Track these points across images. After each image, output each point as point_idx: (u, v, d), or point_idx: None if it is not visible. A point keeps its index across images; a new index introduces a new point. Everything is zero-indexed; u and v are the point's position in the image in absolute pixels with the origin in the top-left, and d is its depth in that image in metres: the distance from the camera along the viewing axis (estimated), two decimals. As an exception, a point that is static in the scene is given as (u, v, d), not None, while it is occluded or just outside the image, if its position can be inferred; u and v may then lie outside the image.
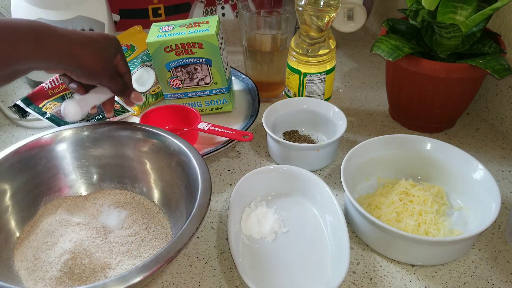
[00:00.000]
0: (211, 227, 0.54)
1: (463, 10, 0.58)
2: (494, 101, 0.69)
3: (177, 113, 0.67)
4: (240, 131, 0.61)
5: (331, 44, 0.65)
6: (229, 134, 0.60)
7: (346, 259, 0.44)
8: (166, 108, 0.67)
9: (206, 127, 0.61)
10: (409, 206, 0.51)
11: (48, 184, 0.53)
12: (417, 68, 0.61)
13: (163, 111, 0.66)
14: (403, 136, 0.57)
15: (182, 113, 0.66)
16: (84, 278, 0.44)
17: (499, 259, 0.50)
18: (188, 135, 0.62)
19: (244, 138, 0.60)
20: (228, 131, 0.60)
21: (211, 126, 0.62)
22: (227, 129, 0.61)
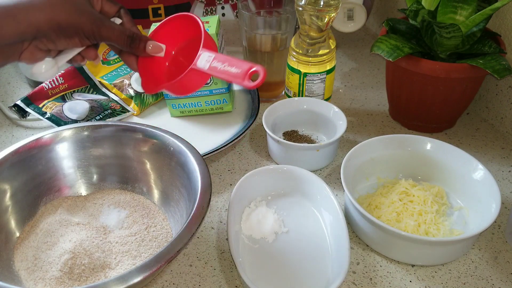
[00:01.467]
0: (211, 227, 0.54)
1: (463, 10, 0.58)
2: (494, 101, 0.69)
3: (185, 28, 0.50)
4: (248, 67, 0.44)
5: (331, 44, 0.65)
6: (232, 74, 0.44)
7: (346, 259, 0.44)
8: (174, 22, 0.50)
9: (207, 64, 0.46)
10: (409, 206, 0.51)
11: (48, 184, 0.53)
12: (417, 68, 0.61)
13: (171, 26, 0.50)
14: (403, 136, 0.57)
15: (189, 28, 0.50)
16: (84, 278, 0.44)
17: (499, 259, 0.50)
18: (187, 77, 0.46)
19: (249, 84, 0.43)
20: (232, 68, 0.45)
21: (214, 60, 0.45)
22: (232, 64, 0.45)
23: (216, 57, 0.45)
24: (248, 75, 0.44)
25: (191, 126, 0.68)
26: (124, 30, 0.45)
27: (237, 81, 0.44)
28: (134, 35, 0.45)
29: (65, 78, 0.69)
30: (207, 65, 0.45)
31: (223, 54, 0.46)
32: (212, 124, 0.68)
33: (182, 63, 0.50)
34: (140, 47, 0.46)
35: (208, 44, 0.47)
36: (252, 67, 0.43)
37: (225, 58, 0.45)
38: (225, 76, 0.45)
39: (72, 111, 0.65)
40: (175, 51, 0.51)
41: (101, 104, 0.68)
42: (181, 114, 0.70)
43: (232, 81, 0.45)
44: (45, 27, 0.41)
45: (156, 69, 0.50)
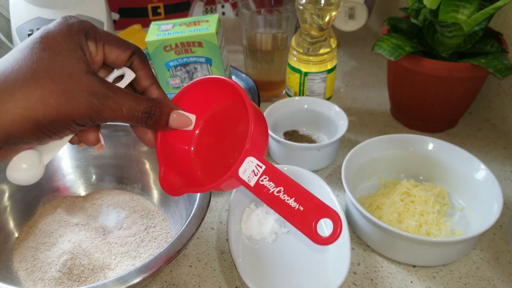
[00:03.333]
0: (211, 228, 0.53)
1: (465, 9, 0.58)
2: (496, 100, 0.68)
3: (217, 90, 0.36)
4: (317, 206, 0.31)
5: (332, 43, 0.65)
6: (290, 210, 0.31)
7: (347, 259, 0.44)
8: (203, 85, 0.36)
9: (254, 178, 0.31)
10: (410, 206, 0.51)
11: (46, 184, 0.52)
12: (418, 67, 0.60)
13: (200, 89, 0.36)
14: (405, 136, 0.57)
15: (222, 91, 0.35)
16: (83, 279, 0.44)
17: (501, 260, 0.49)
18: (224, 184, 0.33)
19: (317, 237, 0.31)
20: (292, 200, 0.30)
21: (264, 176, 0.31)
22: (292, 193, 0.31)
23: (268, 170, 0.31)
24: (315, 219, 0.30)
25: (191, 125, 0.68)
26: (136, 106, 0.31)
27: (297, 225, 0.30)
28: (152, 108, 0.32)
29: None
30: (254, 180, 0.31)
31: (277, 169, 0.31)
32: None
33: (216, 134, 0.36)
34: (161, 122, 0.33)
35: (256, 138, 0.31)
36: (323, 210, 0.30)
37: (281, 178, 0.31)
38: (278, 209, 0.30)
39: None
40: (205, 119, 0.36)
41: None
42: (181, 114, 0.70)
43: (291, 222, 0.30)
44: (18, 132, 0.29)
45: (181, 147, 0.36)
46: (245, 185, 0.31)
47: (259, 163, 0.31)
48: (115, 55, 0.33)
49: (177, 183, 0.35)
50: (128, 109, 0.31)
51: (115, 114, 0.31)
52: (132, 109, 0.31)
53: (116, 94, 0.31)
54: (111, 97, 0.30)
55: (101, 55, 0.33)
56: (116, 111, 0.31)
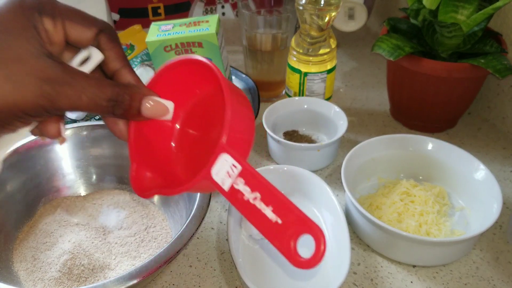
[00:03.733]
0: (211, 228, 0.53)
1: (464, 9, 0.58)
2: (495, 100, 0.68)
3: (197, 75, 0.31)
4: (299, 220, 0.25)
5: (332, 44, 0.65)
6: (267, 223, 0.26)
7: (347, 259, 0.44)
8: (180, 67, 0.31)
9: (228, 180, 0.27)
10: (410, 206, 0.51)
11: (47, 184, 0.52)
12: (418, 68, 0.60)
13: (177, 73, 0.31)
14: (404, 136, 0.57)
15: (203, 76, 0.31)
16: (83, 279, 0.44)
17: (501, 260, 0.49)
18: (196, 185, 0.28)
19: (298, 259, 0.25)
20: (268, 210, 0.26)
21: (239, 178, 0.27)
22: (270, 202, 0.26)
23: (245, 171, 0.26)
24: (294, 239, 0.24)
25: (191, 126, 0.68)
26: (99, 93, 0.27)
27: (273, 240, 0.25)
28: (120, 95, 0.27)
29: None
30: (227, 183, 0.26)
31: (254, 172, 0.26)
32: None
33: (200, 126, 0.32)
34: (132, 111, 0.29)
35: (234, 126, 0.26)
36: (305, 225, 0.24)
37: (259, 182, 0.26)
38: (253, 219, 0.26)
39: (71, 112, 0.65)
40: (187, 109, 0.32)
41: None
42: (181, 114, 0.70)
43: (264, 235, 0.25)
44: None
45: (159, 141, 0.32)
46: (219, 189, 0.27)
47: (234, 162, 0.26)
48: (78, 33, 0.28)
49: (151, 183, 0.31)
50: (89, 97, 0.26)
51: (73, 102, 0.26)
52: (95, 97, 0.27)
53: (74, 79, 0.26)
54: (68, 82, 0.26)
55: (61, 33, 0.28)
56: (74, 99, 0.26)
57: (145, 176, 0.31)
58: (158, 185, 0.31)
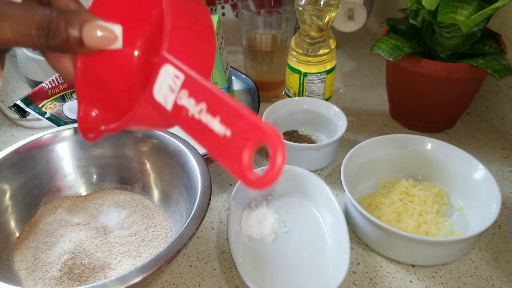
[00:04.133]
0: (211, 227, 0.54)
1: (463, 10, 0.58)
2: (494, 101, 0.68)
3: None
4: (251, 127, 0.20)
5: (331, 44, 0.65)
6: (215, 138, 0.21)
7: (346, 259, 0.44)
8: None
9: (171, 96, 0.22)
10: (409, 206, 0.51)
11: (47, 184, 0.52)
12: (417, 68, 0.60)
13: None
14: (404, 136, 0.57)
15: None
16: (84, 278, 0.44)
17: (500, 259, 0.49)
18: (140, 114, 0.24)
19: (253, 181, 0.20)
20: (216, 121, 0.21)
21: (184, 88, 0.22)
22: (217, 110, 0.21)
23: (188, 80, 0.22)
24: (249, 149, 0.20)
25: (191, 126, 0.68)
26: (27, 20, 0.23)
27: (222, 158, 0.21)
28: (53, 21, 0.23)
29: (64, 78, 0.68)
30: (171, 98, 0.22)
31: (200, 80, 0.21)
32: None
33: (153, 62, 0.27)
34: (71, 40, 0.23)
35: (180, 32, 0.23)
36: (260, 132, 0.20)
37: (205, 90, 0.21)
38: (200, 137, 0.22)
39: (72, 111, 0.65)
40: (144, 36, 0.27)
41: (101, 104, 0.68)
42: (181, 114, 0.70)
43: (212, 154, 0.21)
44: None
45: (112, 74, 0.27)
46: (163, 112, 0.22)
47: (176, 72, 0.21)
48: None
49: (100, 121, 0.27)
50: (14, 27, 0.22)
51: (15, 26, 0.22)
52: (21, 26, 0.22)
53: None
54: None
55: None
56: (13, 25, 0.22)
57: (92, 115, 0.27)
58: (108, 122, 0.26)
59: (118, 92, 0.27)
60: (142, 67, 0.27)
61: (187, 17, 0.23)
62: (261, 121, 0.20)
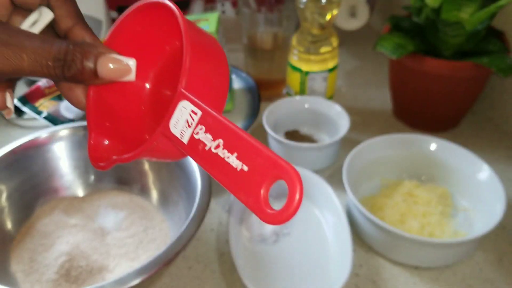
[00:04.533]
0: (211, 229, 0.53)
1: (467, 8, 0.57)
2: (499, 100, 0.68)
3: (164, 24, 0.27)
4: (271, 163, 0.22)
5: (333, 42, 0.64)
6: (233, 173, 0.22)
7: (348, 261, 0.44)
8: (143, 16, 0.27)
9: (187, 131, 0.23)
10: (413, 207, 0.50)
11: (44, 184, 0.52)
12: (421, 66, 0.60)
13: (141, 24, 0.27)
14: (407, 136, 0.57)
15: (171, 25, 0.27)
16: (81, 281, 0.44)
17: (504, 261, 0.49)
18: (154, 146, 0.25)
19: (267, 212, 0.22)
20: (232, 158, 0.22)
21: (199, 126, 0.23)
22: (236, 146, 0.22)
23: (205, 116, 0.22)
24: (267, 184, 0.21)
25: (191, 125, 0.68)
26: (43, 51, 0.24)
27: (238, 193, 0.22)
28: (69, 53, 0.24)
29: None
30: (187, 133, 0.23)
31: (217, 116, 0.22)
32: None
33: (173, 88, 0.27)
34: (86, 72, 0.25)
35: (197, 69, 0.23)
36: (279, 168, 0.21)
37: (222, 127, 0.22)
38: (216, 171, 0.22)
39: (69, 111, 0.65)
40: (156, 70, 0.28)
41: (99, 103, 0.67)
42: (180, 113, 0.69)
43: (229, 189, 0.22)
44: None
45: (124, 106, 0.28)
46: (178, 144, 0.23)
47: (193, 108, 0.22)
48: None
49: (110, 151, 0.27)
50: (32, 57, 0.23)
51: (13, 64, 0.23)
52: (38, 56, 0.23)
53: (13, 37, 0.23)
54: (5, 42, 0.23)
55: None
56: (14, 60, 0.23)
57: (103, 144, 0.28)
58: (118, 153, 0.27)
59: (128, 122, 0.28)
60: (152, 98, 0.28)
61: (203, 53, 0.24)
62: (278, 157, 0.21)
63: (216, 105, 0.25)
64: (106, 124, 0.28)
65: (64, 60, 0.24)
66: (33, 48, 0.24)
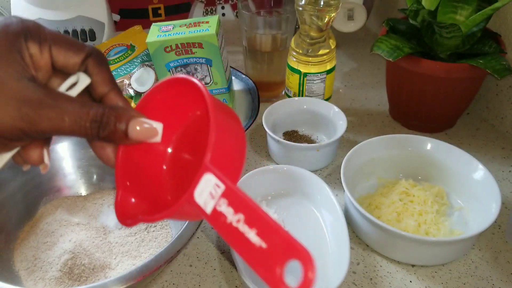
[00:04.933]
0: (211, 227, 0.54)
1: (463, 10, 0.58)
2: (494, 101, 0.68)
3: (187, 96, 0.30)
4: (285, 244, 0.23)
5: (331, 44, 0.65)
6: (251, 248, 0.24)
7: (346, 259, 0.44)
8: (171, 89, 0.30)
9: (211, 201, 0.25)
10: (409, 206, 0.51)
11: (48, 184, 0.53)
12: (417, 68, 0.60)
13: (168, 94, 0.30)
14: (404, 136, 0.57)
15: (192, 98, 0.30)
16: (84, 278, 0.44)
17: (500, 259, 0.49)
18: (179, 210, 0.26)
19: None
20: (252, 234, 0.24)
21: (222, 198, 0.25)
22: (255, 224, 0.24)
23: (228, 191, 0.24)
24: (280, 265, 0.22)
25: (191, 126, 0.68)
26: (83, 114, 0.26)
27: (257, 267, 0.24)
28: (104, 116, 0.27)
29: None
30: (210, 204, 0.25)
31: (240, 192, 0.24)
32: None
33: (193, 151, 0.31)
34: (118, 133, 0.27)
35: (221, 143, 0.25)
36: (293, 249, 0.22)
37: (243, 203, 0.24)
38: (236, 244, 0.24)
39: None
40: (178, 134, 0.31)
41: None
42: (181, 114, 0.70)
43: (247, 262, 0.24)
44: None
45: (149, 166, 0.31)
46: (201, 213, 0.25)
47: (218, 181, 0.24)
48: (64, 58, 0.28)
49: (135, 209, 0.29)
50: (72, 118, 0.26)
51: (55, 124, 0.26)
52: (78, 118, 0.26)
53: (56, 101, 0.26)
54: (49, 104, 0.26)
55: (47, 58, 0.28)
56: (56, 121, 0.26)
57: (130, 202, 0.29)
58: (142, 212, 0.29)
59: (151, 182, 0.31)
60: (172, 159, 0.31)
61: (226, 127, 0.27)
62: (294, 238, 0.22)
63: (236, 175, 0.27)
64: (132, 183, 0.30)
65: (100, 122, 0.27)
66: (74, 111, 0.26)
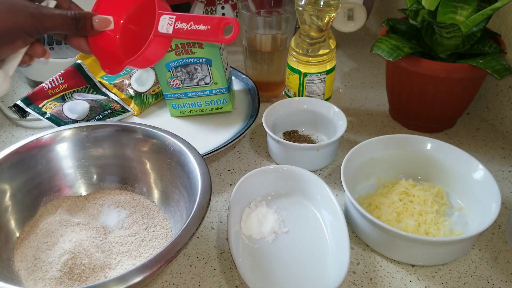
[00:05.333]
0: (211, 227, 0.54)
1: (463, 10, 0.58)
2: (494, 101, 0.69)
3: None
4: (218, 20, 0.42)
5: (331, 44, 0.65)
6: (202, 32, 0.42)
7: (346, 259, 0.44)
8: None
9: (170, 27, 0.43)
10: (409, 206, 0.51)
11: (48, 184, 0.53)
12: (417, 68, 0.61)
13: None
14: (403, 136, 0.57)
15: None
16: (84, 278, 0.44)
17: (499, 259, 0.50)
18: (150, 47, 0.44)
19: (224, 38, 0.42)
20: (201, 26, 0.42)
21: (177, 22, 0.43)
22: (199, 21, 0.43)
23: (178, 17, 0.42)
24: (220, 30, 0.41)
25: (191, 126, 0.68)
26: (65, 13, 0.42)
27: (210, 38, 0.41)
28: (77, 14, 0.42)
29: (65, 78, 0.69)
30: (171, 28, 0.42)
31: (184, 14, 0.42)
32: (212, 124, 0.68)
33: (135, 32, 0.47)
34: (87, 25, 0.43)
35: (162, 6, 0.43)
36: (223, 20, 0.41)
37: (189, 17, 0.42)
38: (195, 36, 0.42)
39: (72, 111, 0.65)
40: (123, 20, 0.47)
41: (101, 104, 0.68)
42: (181, 114, 0.70)
43: (205, 40, 0.42)
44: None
45: (111, 46, 0.47)
46: (167, 36, 0.43)
47: (170, 16, 0.42)
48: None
49: (115, 65, 0.45)
50: (60, 18, 0.42)
51: (53, 22, 0.41)
52: (63, 17, 0.42)
53: (47, 9, 0.42)
54: (44, 10, 0.41)
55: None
56: (52, 19, 0.41)
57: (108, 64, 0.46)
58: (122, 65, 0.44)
59: (115, 51, 0.47)
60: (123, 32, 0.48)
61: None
62: (223, 17, 0.37)
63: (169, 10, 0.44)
64: (104, 54, 0.47)
65: (76, 19, 0.43)
66: (61, 14, 0.42)
